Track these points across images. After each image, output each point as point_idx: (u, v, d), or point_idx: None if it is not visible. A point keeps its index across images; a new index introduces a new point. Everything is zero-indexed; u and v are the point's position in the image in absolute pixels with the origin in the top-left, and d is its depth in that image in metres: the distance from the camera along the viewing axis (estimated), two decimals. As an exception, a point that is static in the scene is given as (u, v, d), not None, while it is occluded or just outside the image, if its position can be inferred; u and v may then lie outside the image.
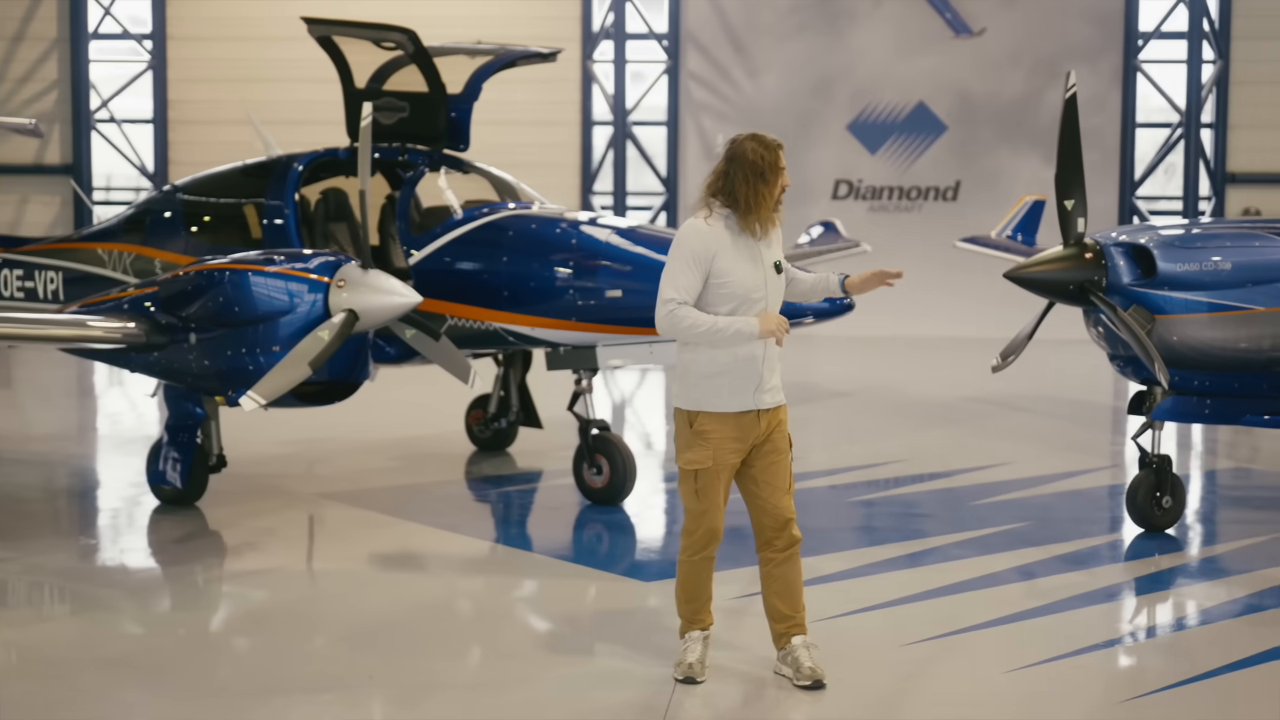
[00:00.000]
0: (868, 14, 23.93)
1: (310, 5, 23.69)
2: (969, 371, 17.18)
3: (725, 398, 6.13)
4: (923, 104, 23.98)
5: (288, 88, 23.73)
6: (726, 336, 6.02)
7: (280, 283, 8.61)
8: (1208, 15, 23.59)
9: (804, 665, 6.21)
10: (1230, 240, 9.19)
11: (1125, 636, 7.31)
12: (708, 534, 6.25)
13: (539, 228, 9.80)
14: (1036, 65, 23.67)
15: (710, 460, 6.16)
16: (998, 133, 23.89)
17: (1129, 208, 23.83)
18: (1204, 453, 12.80)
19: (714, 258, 6.07)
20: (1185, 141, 23.80)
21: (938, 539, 9.15)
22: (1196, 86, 23.68)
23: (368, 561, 8.66)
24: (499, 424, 12.00)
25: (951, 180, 24.02)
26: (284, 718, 5.95)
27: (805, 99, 24.03)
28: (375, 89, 10.65)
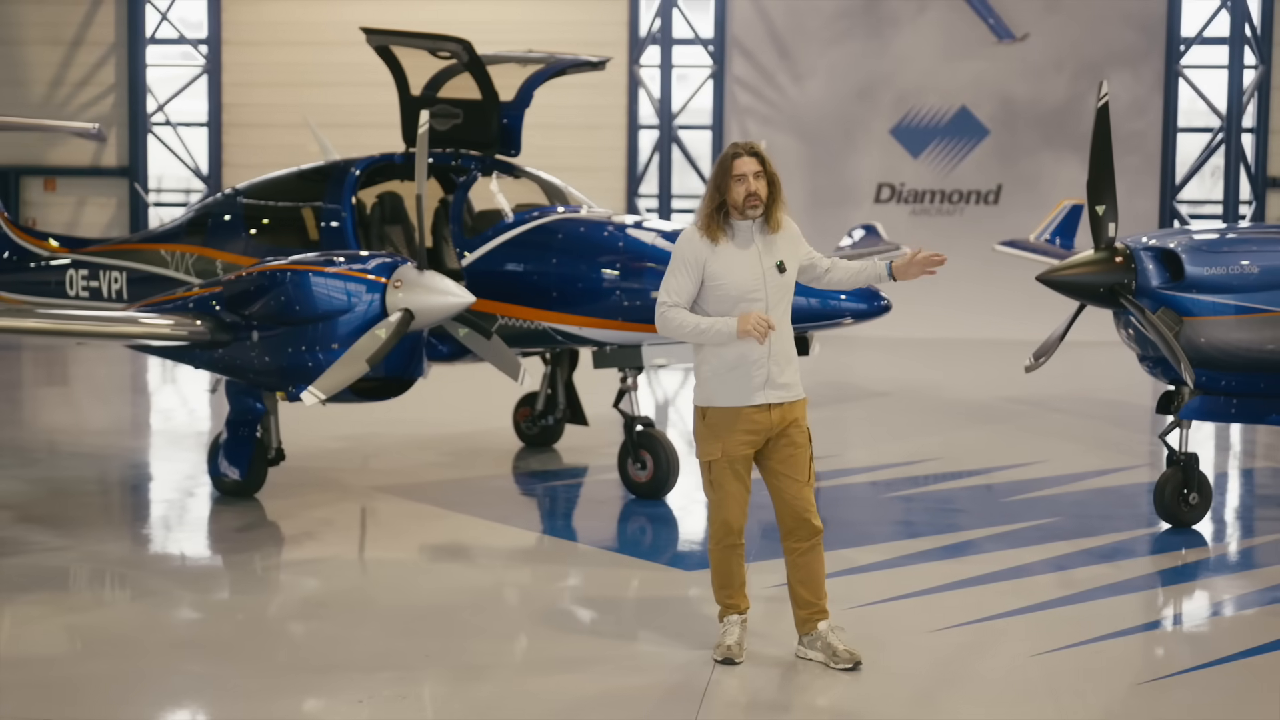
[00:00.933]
0: (911, 19, 24.20)
1: (363, 10, 24.33)
2: (1007, 372, 17.44)
3: (733, 393, 6.43)
4: (965, 108, 24.24)
5: (340, 92, 24.20)
6: (709, 336, 6.35)
7: (339, 283, 8.97)
8: (1250, 21, 23.75)
9: (839, 649, 6.47)
10: (1257, 244, 9.44)
11: (1147, 625, 7.60)
12: (723, 525, 6.57)
13: (587, 231, 10.13)
14: (1079, 70, 23.88)
15: (720, 453, 6.48)
16: (1039, 137, 24.12)
17: (1170, 211, 24.00)
18: (1241, 453, 13.04)
19: (705, 262, 6.40)
20: (1226, 146, 23.97)
21: (972, 532, 9.45)
22: (1238, 91, 23.84)
23: (419, 551, 8.99)
24: (546, 421, 12.36)
25: (993, 184, 24.26)
26: (340, 694, 6.26)
27: (849, 103, 24.32)
28: (430, 96, 11.00)
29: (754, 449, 6.51)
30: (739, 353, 6.39)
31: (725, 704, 6.14)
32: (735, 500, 6.54)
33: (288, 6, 25.23)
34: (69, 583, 8.23)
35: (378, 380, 9.22)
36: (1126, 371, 16.16)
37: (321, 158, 12.14)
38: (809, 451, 6.58)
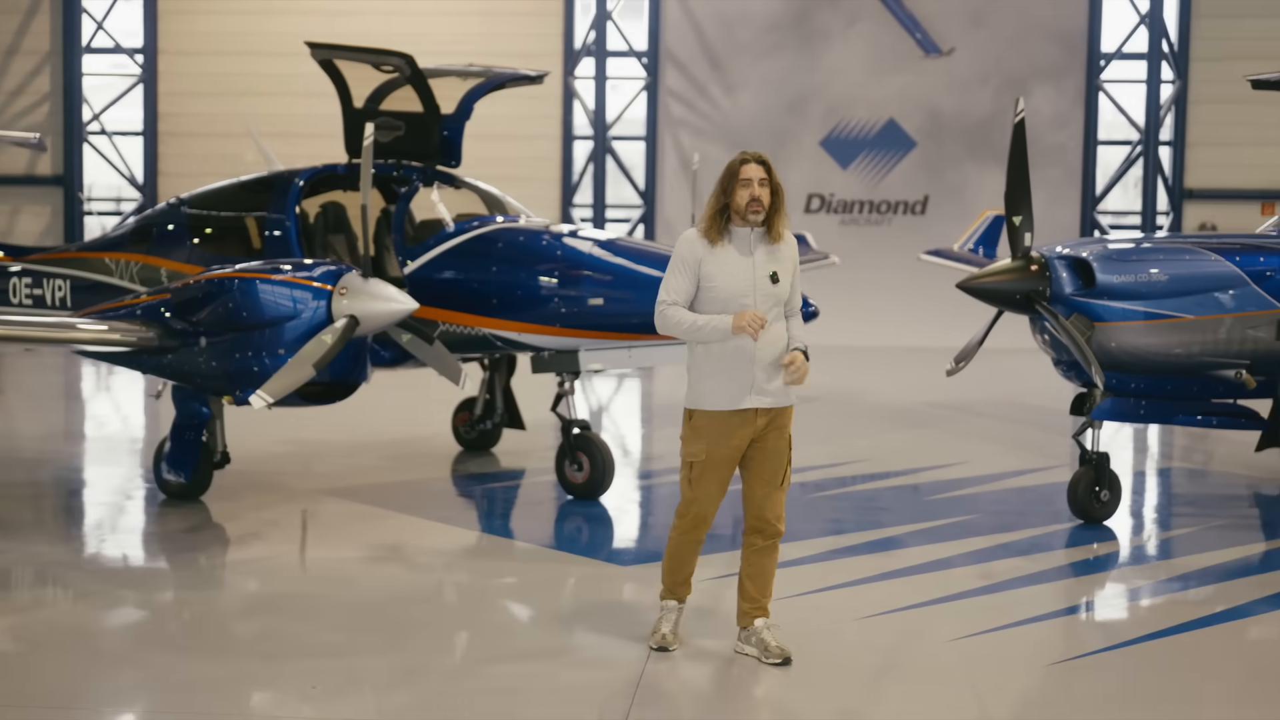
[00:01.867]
0: (841, 33, 24.73)
1: (298, 21, 24.59)
2: (930, 378, 17.87)
3: (721, 397, 6.61)
4: (893, 121, 24.79)
5: (276, 101, 24.44)
6: (706, 333, 6.52)
7: (286, 290, 9.23)
8: (1167, 37, 24.45)
9: (771, 645, 6.73)
10: (1163, 254, 9.93)
11: (1061, 611, 8.03)
12: (696, 519, 6.78)
13: (526, 240, 10.47)
14: (1003, 84, 24.49)
15: (704, 454, 6.67)
16: (965, 149, 24.70)
17: (1091, 222, 24.65)
18: (1149, 454, 13.56)
19: (700, 263, 6.58)
20: (1145, 158, 24.66)
21: (895, 529, 9.87)
22: (1156, 105, 24.55)
23: (362, 551, 9.21)
24: (484, 425, 12.68)
25: (920, 195, 24.81)
26: (287, 685, 6.49)
27: (780, 115, 24.79)
28: (372, 108, 11.30)
29: (739, 451, 6.69)
30: (728, 357, 6.57)
31: (660, 694, 6.42)
32: (711, 501, 6.75)
33: (224, 18, 25.40)
34: (10, 584, 8.38)
35: (323, 385, 9.47)
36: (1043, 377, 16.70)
37: (263, 166, 12.40)
38: (787, 457, 6.77)
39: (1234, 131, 24.18)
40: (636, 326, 9.95)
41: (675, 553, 6.91)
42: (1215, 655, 7.12)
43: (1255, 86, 11.44)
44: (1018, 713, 6.35)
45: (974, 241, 17.69)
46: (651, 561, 8.98)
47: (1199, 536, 9.72)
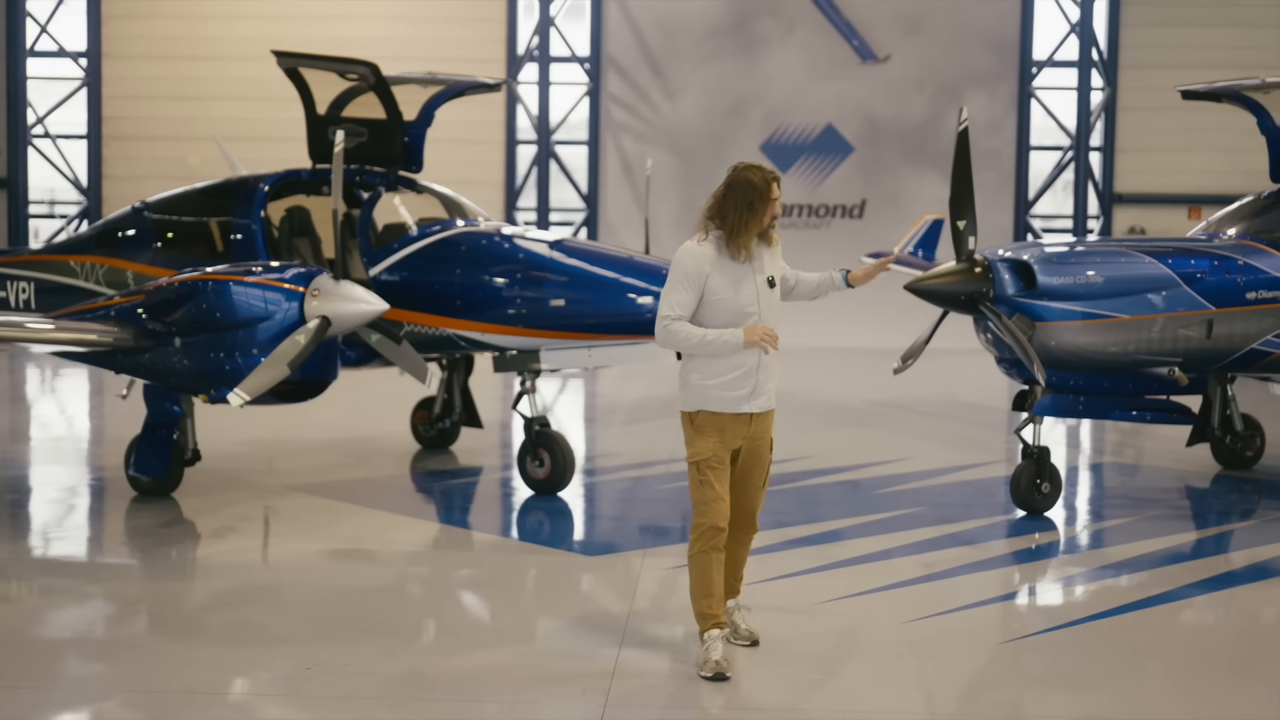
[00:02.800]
0: (779, 40, 25.17)
1: (243, 26, 24.76)
2: (874, 378, 18.39)
3: (724, 401, 6.72)
4: (831, 126, 25.25)
5: (220, 105, 24.62)
6: (716, 347, 6.61)
7: (260, 292, 9.52)
8: (1097, 45, 25.09)
9: (741, 627, 7.06)
10: (1100, 257, 10.41)
11: (1004, 596, 8.49)
12: (712, 528, 6.74)
13: (488, 243, 10.82)
14: (938, 91, 25.02)
15: (710, 451, 6.74)
16: (901, 154, 25.20)
17: (1024, 225, 25.23)
18: (1087, 449, 14.07)
19: (707, 277, 6.62)
20: (1076, 164, 25.28)
21: (842, 521, 10.27)
22: (1086, 112, 25.18)
23: (328, 544, 9.51)
24: (443, 424, 13.00)
25: (858, 199, 25.30)
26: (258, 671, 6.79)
27: (720, 120, 25.19)
28: (335, 115, 11.59)
29: (730, 452, 6.81)
30: (733, 364, 6.69)
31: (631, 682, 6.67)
32: (722, 501, 6.76)
33: (168, 21, 25.50)
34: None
35: (295, 383, 9.78)
36: (985, 376, 17.20)
37: (209, 169, 12.61)
38: (769, 459, 7.00)
39: (1161, 138, 24.83)
40: (596, 327, 10.32)
41: (701, 572, 6.81)
42: (1151, 636, 7.56)
43: (1185, 97, 11.97)
44: (966, 690, 6.76)
45: (913, 245, 18.16)
46: (615, 552, 9.38)
47: (1134, 526, 10.18)
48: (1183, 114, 16.49)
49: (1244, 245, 10.77)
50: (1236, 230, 11.28)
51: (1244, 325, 10.39)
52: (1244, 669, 7.02)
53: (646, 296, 10.10)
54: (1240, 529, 10.35)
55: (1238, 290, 10.33)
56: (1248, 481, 11.96)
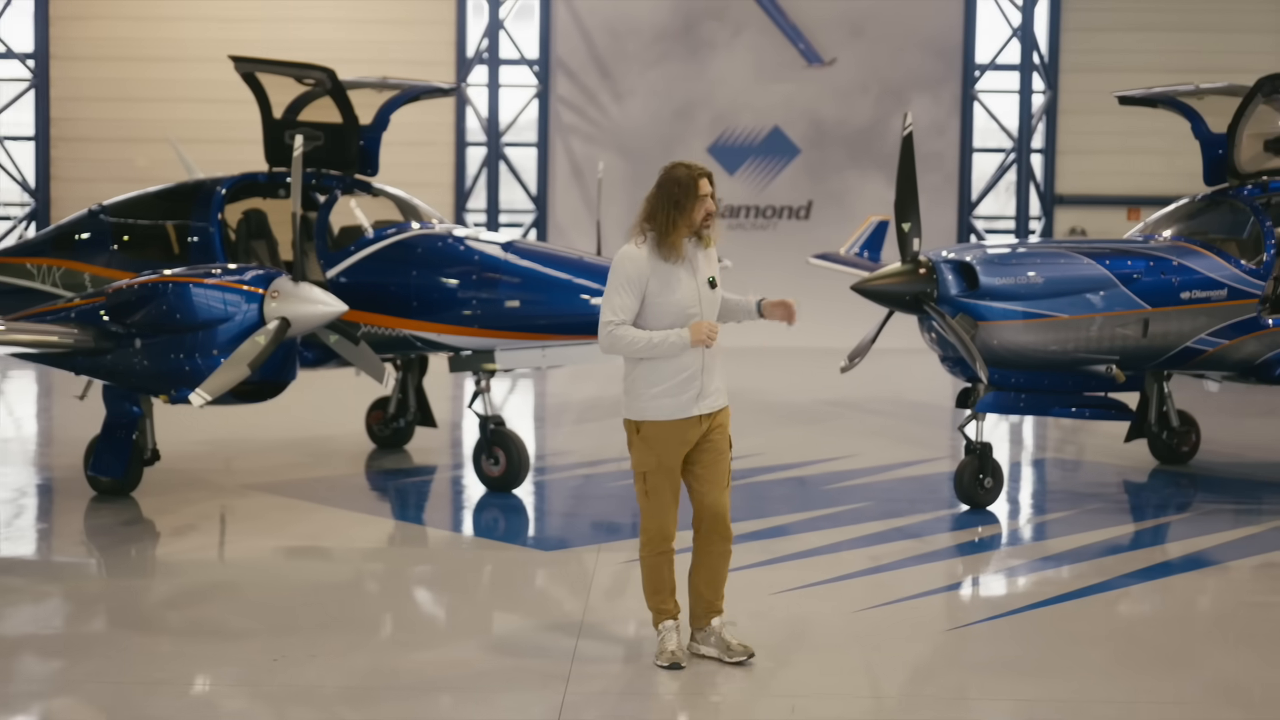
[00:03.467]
0: (726, 43, 25.42)
1: (191, 28, 24.78)
2: (821, 377, 18.65)
3: (668, 408, 6.63)
4: (778, 128, 25.52)
5: (168, 107, 24.61)
6: (664, 349, 6.54)
7: (219, 294, 9.67)
8: (1038, 49, 25.48)
9: (733, 644, 6.87)
10: (1040, 258, 10.71)
11: (949, 586, 8.75)
12: (658, 532, 6.75)
13: (444, 245, 11.02)
14: (883, 93, 25.35)
15: (655, 463, 6.69)
16: (847, 156, 25.50)
17: (967, 226, 25.60)
18: (1032, 447, 14.40)
19: (647, 280, 6.57)
20: (1018, 166, 25.67)
21: (790, 517, 10.52)
22: (1028, 115, 25.58)
23: (287, 542, 9.69)
24: (398, 423, 13.17)
25: (804, 200, 25.59)
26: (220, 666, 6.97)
27: (668, 123, 25.41)
28: (291, 119, 11.75)
29: (681, 458, 6.75)
30: (677, 368, 6.62)
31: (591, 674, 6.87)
32: (669, 508, 6.75)
33: (117, 23, 25.46)
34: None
35: (255, 384, 9.92)
36: (929, 375, 17.51)
37: (154, 171, 12.71)
38: (729, 457, 6.86)
39: (1101, 140, 25.23)
40: (550, 327, 10.54)
41: (651, 574, 6.85)
42: (1090, 624, 7.85)
43: (1123, 102, 12.31)
44: (912, 676, 7.01)
45: (859, 246, 18.43)
46: (570, 547, 9.60)
47: (1074, 519, 10.49)
48: (1122, 117, 16.82)
49: (1179, 246, 11.11)
50: (1171, 232, 11.62)
51: (1179, 324, 10.73)
52: (1179, 656, 7.29)
53: (599, 297, 10.31)
54: (1176, 521, 10.69)
55: (1173, 290, 10.68)
56: (1184, 476, 12.31)
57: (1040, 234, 25.58)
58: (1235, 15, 25.12)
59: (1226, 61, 23.77)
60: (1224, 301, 10.81)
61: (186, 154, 14.27)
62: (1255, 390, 14.96)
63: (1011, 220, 25.94)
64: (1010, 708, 6.53)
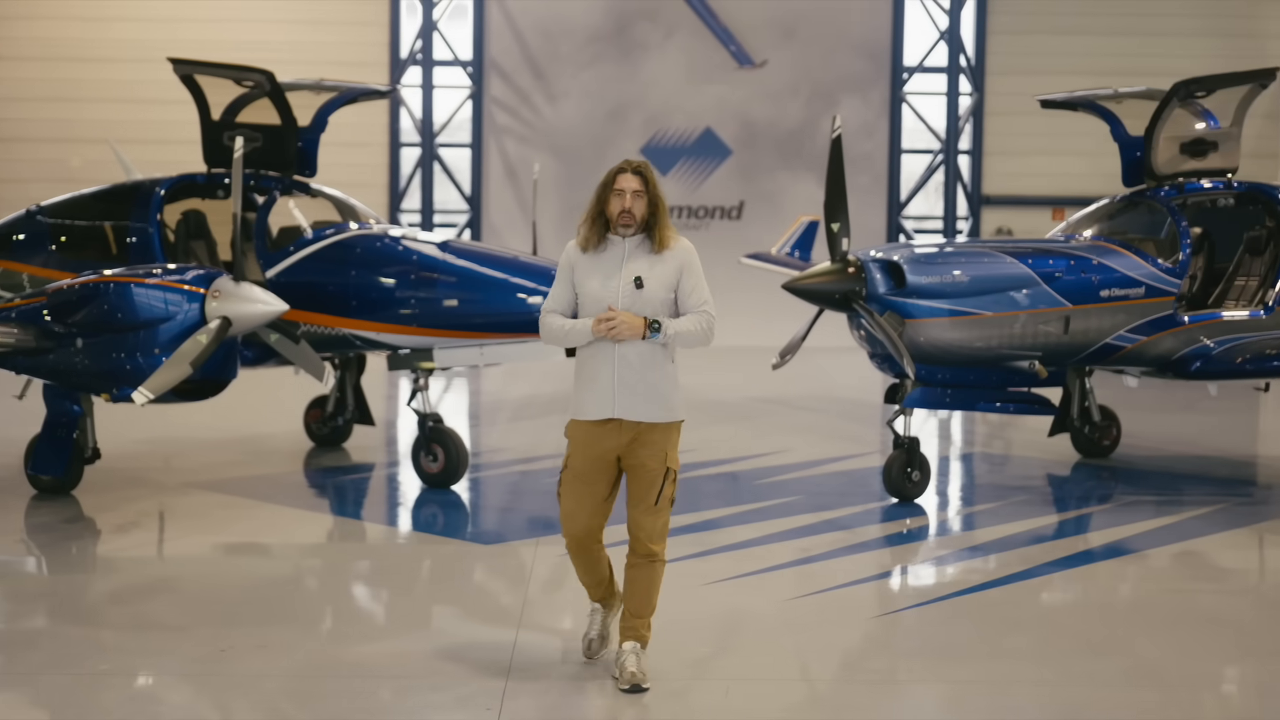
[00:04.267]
0: (659, 46, 25.67)
1: (130, 29, 24.72)
2: (752, 375, 18.92)
3: (587, 406, 6.45)
4: (710, 130, 25.80)
5: (102, 108, 24.55)
6: (573, 337, 6.43)
7: (160, 293, 9.77)
8: (964, 52, 25.91)
9: (627, 670, 6.52)
10: (965, 257, 11.02)
11: (878, 575, 9.01)
12: (567, 531, 6.61)
13: (383, 246, 11.17)
14: (813, 95, 25.69)
15: (569, 460, 6.54)
16: (778, 157, 25.82)
17: (896, 226, 25.98)
18: (958, 441, 14.73)
19: (573, 270, 6.50)
20: (945, 166, 26.09)
21: (722, 510, 10.73)
22: (955, 117, 26.00)
23: (227, 539, 9.80)
24: (336, 422, 13.29)
25: (736, 200, 25.88)
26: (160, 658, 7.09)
27: (601, 124, 25.63)
28: (229, 121, 11.85)
29: (606, 463, 6.51)
30: (593, 365, 6.45)
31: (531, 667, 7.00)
32: (579, 509, 6.55)
33: (49, 23, 25.34)
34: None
35: (196, 382, 10.03)
36: (858, 372, 17.84)
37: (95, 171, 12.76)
38: (664, 477, 6.50)
39: (1026, 142, 25.69)
40: (487, 326, 10.71)
41: (574, 565, 6.81)
42: (1016, 611, 8.12)
43: (1045, 106, 12.65)
44: (844, 660, 7.24)
45: (790, 245, 18.74)
46: (509, 541, 9.78)
47: (999, 511, 10.78)
48: (1046, 119, 17.18)
49: (1099, 246, 11.45)
50: (1092, 232, 11.96)
51: (1099, 321, 11.07)
52: (1101, 641, 7.52)
53: (536, 296, 10.51)
54: (1098, 512, 11.00)
55: (1093, 288, 11.01)
56: (1105, 469, 12.66)
57: (968, 234, 26.00)
58: (1156, 20, 25.67)
59: (1148, 65, 24.28)
60: (1142, 299, 11.17)
61: (124, 154, 14.33)
62: (1172, 385, 15.34)
63: (939, 220, 26.35)
64: (940, 689, 6.75)
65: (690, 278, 6.56)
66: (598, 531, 6.67)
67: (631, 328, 6.34)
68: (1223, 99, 11.91)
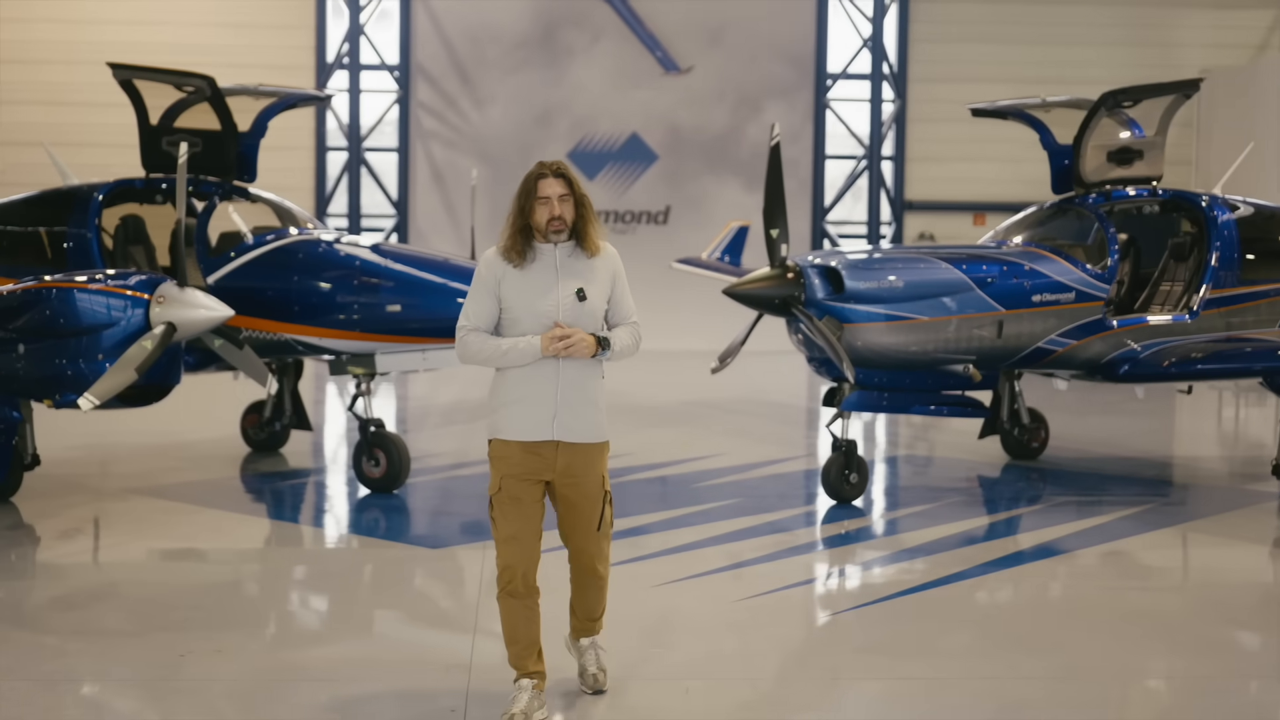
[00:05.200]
0: (585, 51, 25.80)
1: (55, 30, 24.48)
2: (685, 379, 19.08)
3: (518, 425, 6.02)
4: (636, 135, 25.97)
5: (26, 110, 24.31)
6: (513, 358, 5.97)
7: (104, 299, 9.74)
8: (887, 60, 26.26)
9: (589, 671, 6.50)
10: (902, 263, 11.21)
11: (816, 578, 9.17)
12: (504, 569, 6.07)
13: (325, 251, 11.21)
14: (739, 101, 25.93)
15: (498, 486, 6.06)
16: (704, 162, 26.03)
17: (820, 231, 26.27)
18: (890, 444, 14.95)
19: (499, 283, 6.02)
20: (869, 172, 26.42)
21: (662, 514, 10.84)
22: (878, 123, 26.34)
23: (166, 544, 9.78)
24: (273, 427, 13.30)
25: (662, 205, 26.06)
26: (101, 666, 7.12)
27: (528, 129, 25.71)
28: (168, 125, 11.82)
29: (538, 488, 6.11)
30: (530, 381, 6.01)
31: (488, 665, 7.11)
32: (519, 542, 6.07)
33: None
34: None
35: (140, 388, 10.00)
36: (789, 376, 18.04)
37: (21, 175, 12.67)
38: (601, 499, 6.21)
39: (948, 148, 26.07)
40: (429, 330, 10.76)
41: (504, 616, 6.17)
42: (952, 610, 8.30)
43: (975, 114, 12.90)
44: (787, 660, 7.36)
45: (720, 251, 18.92)
46: (455, 545, 9.85)
47: (933, 512, 10.98)
48: (968, 126, 17.43)
49: (1030, 252, 11.70)
50: (1023, 238, 12.22)
51: (1030, 326, 11.31)
52: (1034, 638, 7.71)
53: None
54: (1028, 513, 11.21)
55: (1025, 293, 11.26)
56: (1034, 470, 12.92)
57: (891, 239, 26.33)
58: (1073, 29, 26.15)
59: (1065, 74, 24.78)
60: (1072, 304, 11.43)
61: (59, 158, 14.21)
62: (1098, 388, 15.70)
63: (864, 225, 26.67)
64: (882, 686, 6.90)
65: (620, 286, 6.26)
66: (535, 568, 6.15)
67: (587, 345, 5.99)
68: (1148, 109, 12.22)
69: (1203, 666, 7.25)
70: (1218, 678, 7.08)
